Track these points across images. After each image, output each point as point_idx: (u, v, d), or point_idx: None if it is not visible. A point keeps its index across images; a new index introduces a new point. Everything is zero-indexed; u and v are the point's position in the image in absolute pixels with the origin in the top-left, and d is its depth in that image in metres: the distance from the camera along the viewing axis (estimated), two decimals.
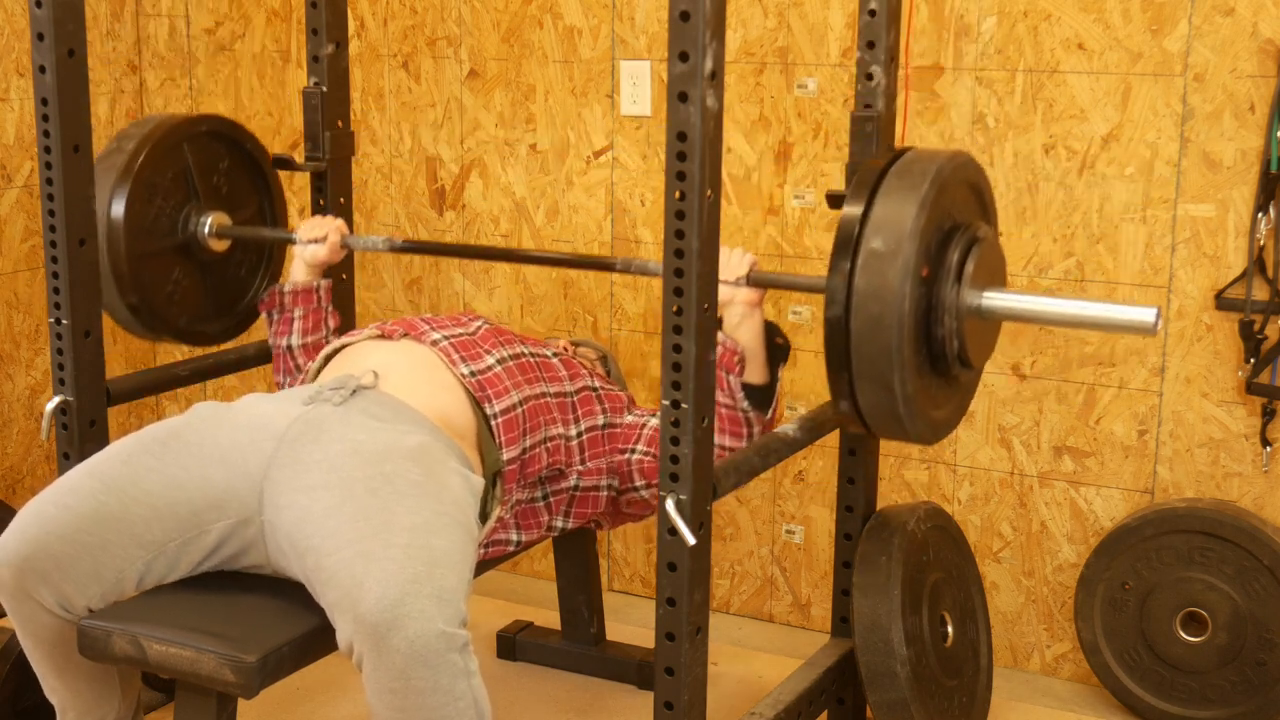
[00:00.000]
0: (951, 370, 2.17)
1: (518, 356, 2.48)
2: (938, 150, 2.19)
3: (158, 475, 2.15)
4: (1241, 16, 2.72)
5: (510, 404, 2.38)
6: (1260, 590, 2.73)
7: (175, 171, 2.77)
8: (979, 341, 2.21)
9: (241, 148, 2.90)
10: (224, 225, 2.83)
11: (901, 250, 2.03)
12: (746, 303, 2.39)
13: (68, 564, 2.08)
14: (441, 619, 1.91)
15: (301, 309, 2.76)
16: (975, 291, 2.14)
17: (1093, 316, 2.15)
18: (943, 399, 2.22)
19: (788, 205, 3.16)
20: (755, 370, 2.41)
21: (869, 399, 2.11)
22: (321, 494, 2.08)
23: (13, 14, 3.55)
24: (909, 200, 2.06)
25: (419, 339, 2.44)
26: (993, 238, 2.21)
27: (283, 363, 2.78)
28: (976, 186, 2.26)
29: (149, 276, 2.72)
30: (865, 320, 2.05)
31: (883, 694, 2.45)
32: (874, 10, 2.44)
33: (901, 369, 2.05)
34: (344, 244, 2.80)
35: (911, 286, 2.03)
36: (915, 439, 2.20)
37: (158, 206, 2.73)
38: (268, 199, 2.97)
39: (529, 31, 3.37)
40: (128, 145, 2.69)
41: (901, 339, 2.03)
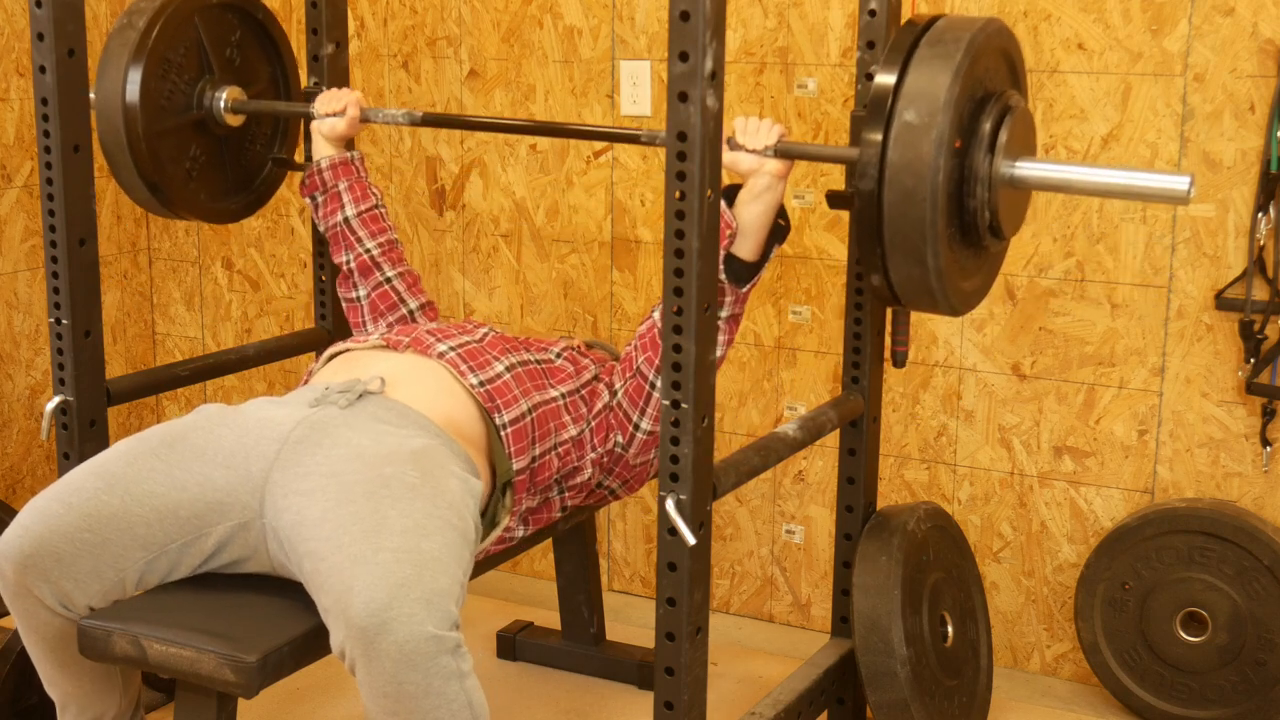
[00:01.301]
0: (983, 241, 2.14)
1: (525, 363, 2.48)
2: (971, 17, 2.14)
3: (161, 476, 2.15)
4: (1241, 16, 2.72)
5: (519, 413, 2.38)
6: (1260, 590, 2.74)
7: (188, 45, 2.72)
8: (1011, 211, 2.17)
9: (253, 18, 2.85)
10: (239, 100, 2.78)
11: (935, 122, 1.99)
12: (773, 174, 2.32)
13: (69, 562, 2.08)
14: (431, 622, 1.90)
15: (345, 181, 2.73)
16: (1008, 161, 2.11)
17: (1124, 184, 2.10)
18: (972, 269, 2.19)
19: (788, 205, 3.16)
20: (749, 245, 2.36)
21: (901, 273, 2.08)
22: (319, 497, 2.08)
23: (13, 14, 3.55)
24: (943, 70, 2.02)
25: (425, 352, 2.42)
26: (1024, 107, 2.17)
27: (343, 239, 2.74)
28: (1009, 54, 2.21)
29: (167, 154, 2.69)
30: (899, 193, 2.01)
31: (883, 694, 2.45)
32: (874, 10, 2.44)
33: (935, 242, 2.02)
34: (363, 117, 2.76)
35: (945, 159, 2.00)
36: (946, 310, 2.17)
37: (172, 82, 2.69)
38: (280, 69, 2.91)
39: (529, 31, 3.37)
40: (139, 21, 2.63)
41: (935, 213, 2.00)
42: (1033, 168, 2.14)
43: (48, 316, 2.48)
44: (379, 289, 2.74)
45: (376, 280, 2.74)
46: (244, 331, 3.88)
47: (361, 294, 2.75)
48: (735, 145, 2.31)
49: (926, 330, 3.07)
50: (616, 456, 2.52)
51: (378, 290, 2.74)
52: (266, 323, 3.84)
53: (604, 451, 2.51)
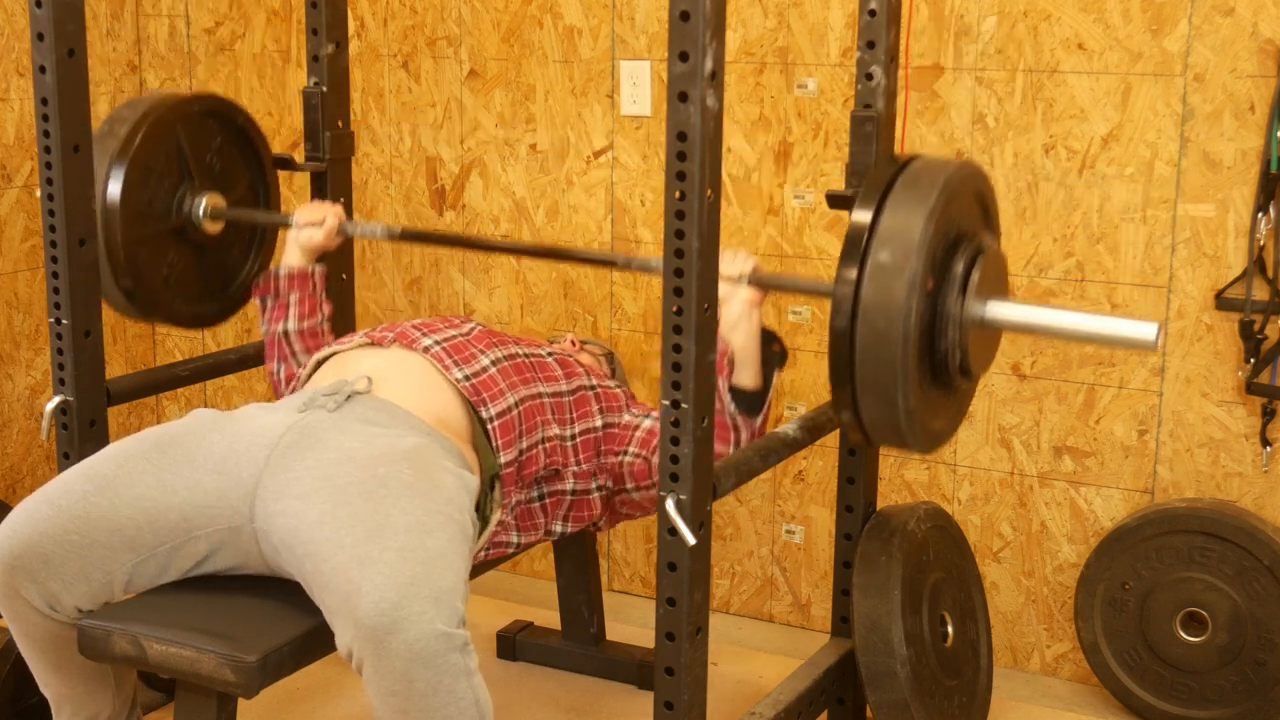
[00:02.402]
0: (953, 381, 2.17)
1: (512, 357, 2.47)
2: (945, 159, 2.18)
3: (151, 479, 2.15)
4: (1241, 16, 2.72)
5: (506, 406, 2.37)
6: (1260, 590, 2.74)
7: (169, 153, 2.73)
8: (981, 352, 2.20)
9: (233, 124, 2.86)
10: (218, 207, 2.80)
11: (909, 264, 2.02)
12: (746, 301, 2.36)
13: (55, 563, 2.08)
14: (440, 620, 1.91)
15: (297, 293, 2.71)
16: (979, 302, 2.13)
17: (1093, 330, 2.14)
18: (941, 408, 2.22)
19: (788, 205, 3.16)
20: (748, 374, 2.38)
21: (871, 411, 2.10)
22: (314, 500, 2.08)
23: (13, 14, 3.55)
24: (917, 211, 2.05)
25: (410, 347, 2.42)
26: (996, 248, 2.20)
27: (277, 349, 2.72)
28: (982, 196, 2.25)
29: (145, 260, 2.70)
30: (870, 333, 2.04)
31: (883, 694, 2.45)
32: (874, 10, 2.44)
33: (905, 382, 2.04)
34: (341, 230, 2.75)
35: (918, 301, 2.02)
36: (915, 449, 2.19)
37: (152, 189, 2.70)
38: (260, 175, 2.93)
39: (529, 31, 3.37)
40: (121, 129, 2.64)
41: (906, 353, 2.02)
42: (1004, 309, 2.16)
43: (48, 316, 2.48)
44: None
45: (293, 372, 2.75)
46: (244, 331, 3.87)
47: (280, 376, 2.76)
48: None
49: None
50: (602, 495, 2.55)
51: None
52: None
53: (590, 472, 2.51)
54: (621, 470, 2.51)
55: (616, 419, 2.55)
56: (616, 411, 2.55)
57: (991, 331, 2.22)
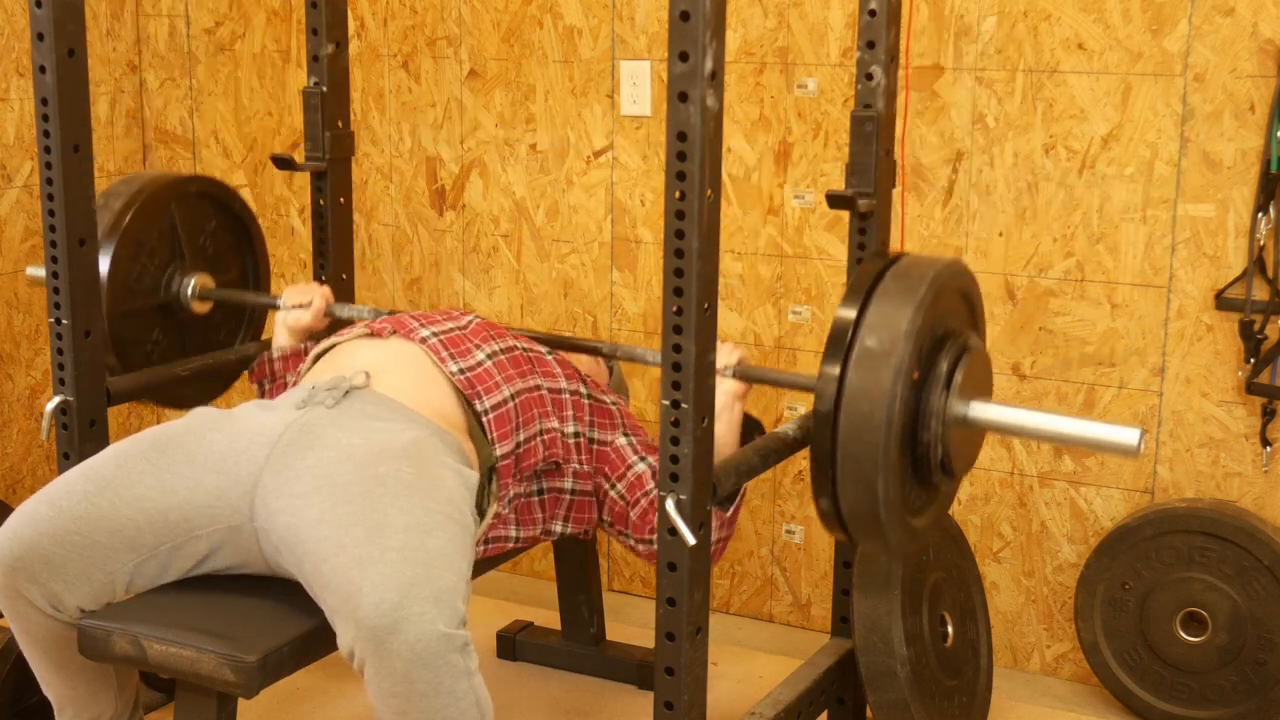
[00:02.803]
0: (933, 478, 2.15)
1: (510, 350, 2.47)
2: (934, 257, 2.18)
3: (151, 479, 2.15)
4: (1241, 16, 2.72)
5: (501, 399, 2.37)
6: (1260, 590, 2.74)
7: (162, 230, 2.77)
8: (963, 450, 2.19)
9: (229, 209, 2.90)
10: (207, 288, 2.83)
11: (896, 350, 2.02)
12: (730, 393, 2.37)
13: (57, 564, 2.08)
14: (441, 620, 1.91)
15: (293, 375, 2.70)
16: (962, 401, 2.13)
17: (1076, 434, 2.14)
18: (920, 507, 2.20)
19: (788, 205, 3.16)
20: None
21: (850, 498, 2.08)
22: (314, 499, 2.08)
23: (13, 14, 3.55)
24: (905, 303, 2.05)
25: (408, 336, 2.43)
26: (981, 348, 2.20)
27: None
28: (968, 295, 2.25)
29: (128, 335, 2.74)
30: (854, 417, 2.03)
31: (883, 694, 2.45)
32: (874, 10, 2.44)
33: (886, 470, 2.03)
34: (329, 312, 2.76)
35: (903, 387, 2.02)
36: (890, 549, 2.18)
37: (142, 265, 2.73)
38: (252, 261, 2.98)
39: (529, 31, 3.37)
40: (115, 203, 2.68)
41: (889, 439, 2.02)
42: (986, 410, 2.16)
43: (48, 316, 2.48)
44: None
45: None
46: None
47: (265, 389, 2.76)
48: None
49: None
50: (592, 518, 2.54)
51: None
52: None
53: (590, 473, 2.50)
54: (605, 499, 2.51)
55: (608, 437, 2.52)
56: (609, 429, 2.52)
57: (974, 431, 2.21)
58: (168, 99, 3.87)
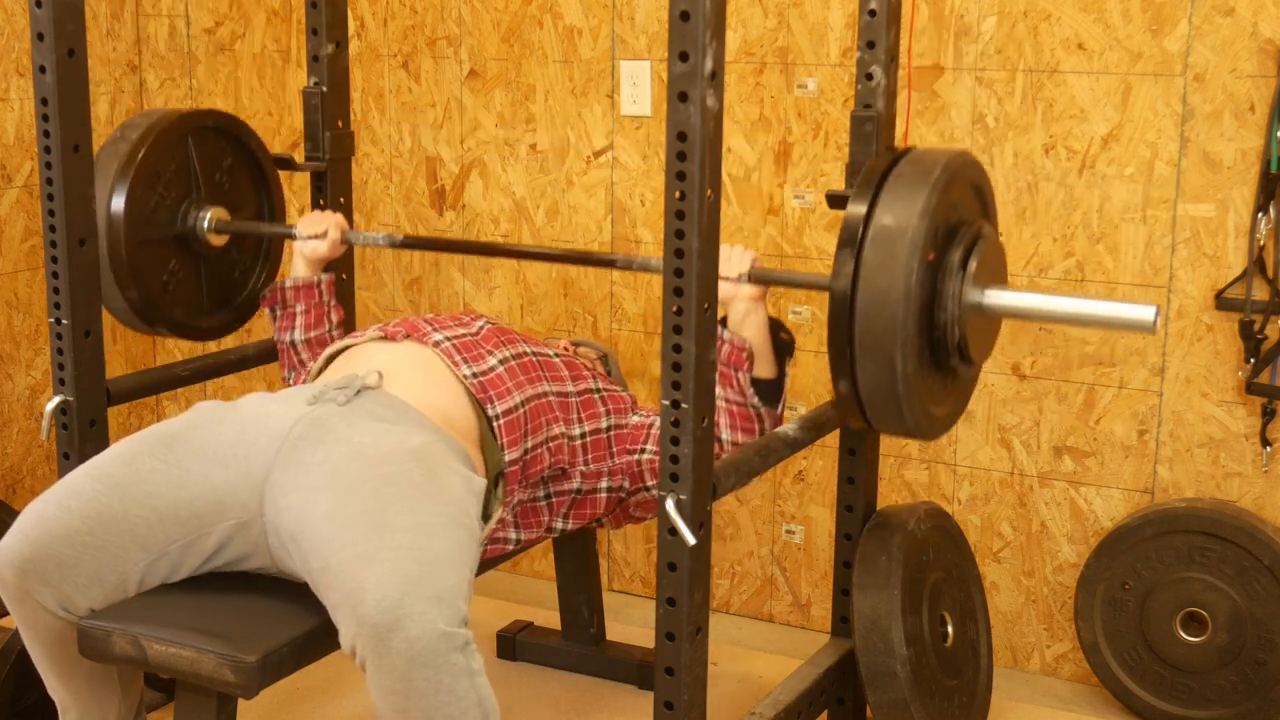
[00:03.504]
0: (951, 362, 2.17)
1: (520, 356, 2.48)
2: (943, 148, 2.21)
3: (160, 477, 2.14)
4: (1241, 16, 2.72)
5: (512, 405, 2.38)
6: (1260, 590, 2.74)
7: (178, 164, 2.76)
8: (980, 338, 2.21)
9: (245, 147, 2.89)
10: (223, 220, 2.82)
11: (910, 227, 2.04)
12: (749, 298, 2.39)
13: (69, 565, 2.08)
14: (442, 619, 1.91)
15: (303, 304, 2.76)
16: (977, 289, 2.15)
17: (1091, 314, 2.16)
18: (941, 395, 2.23)
19: (788, 205, 3.16)
20: (764, 366, 2.42)
21: (869, 377, 2.11)
22: (323, 496, 2.08)
23: (13, 14, 3.55)
24: (919, 185, 2.08)
25: (421, 340, 2.44)
26: (994, 236, 2.22)
27: (287, 358, 2.79)
28: (979, 186, 2.27)
29: (145, 265, 2.71)
30: (871, 294, 2.05)
31: (883, 694, 2.45)
32: (874, 10, 2.44)
33: (904, 345, 2.05)
34: (344, 239, 2.79)
35: (919, 264, 2.04)
36: (913, 430, 2.19)
37: (158, 195, 2.72)
38: (268, 200, 2.96)
39: (529, 31, 3.37)
40: (132, 135, 2.67)
41: (906, 314, 2.04)
42: (1000, 296, 2.18)
43: (48, 316, 2.48)
44: None
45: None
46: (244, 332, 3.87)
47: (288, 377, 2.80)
48: None
49: None
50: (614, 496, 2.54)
51: None
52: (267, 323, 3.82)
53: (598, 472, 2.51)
54: (641, 468, 2.52)
55: (624, 420, 2.56)
56: (623, 414, 2.56)
57: (990, 319, 2.22)
58: (168, 99, 3.87)
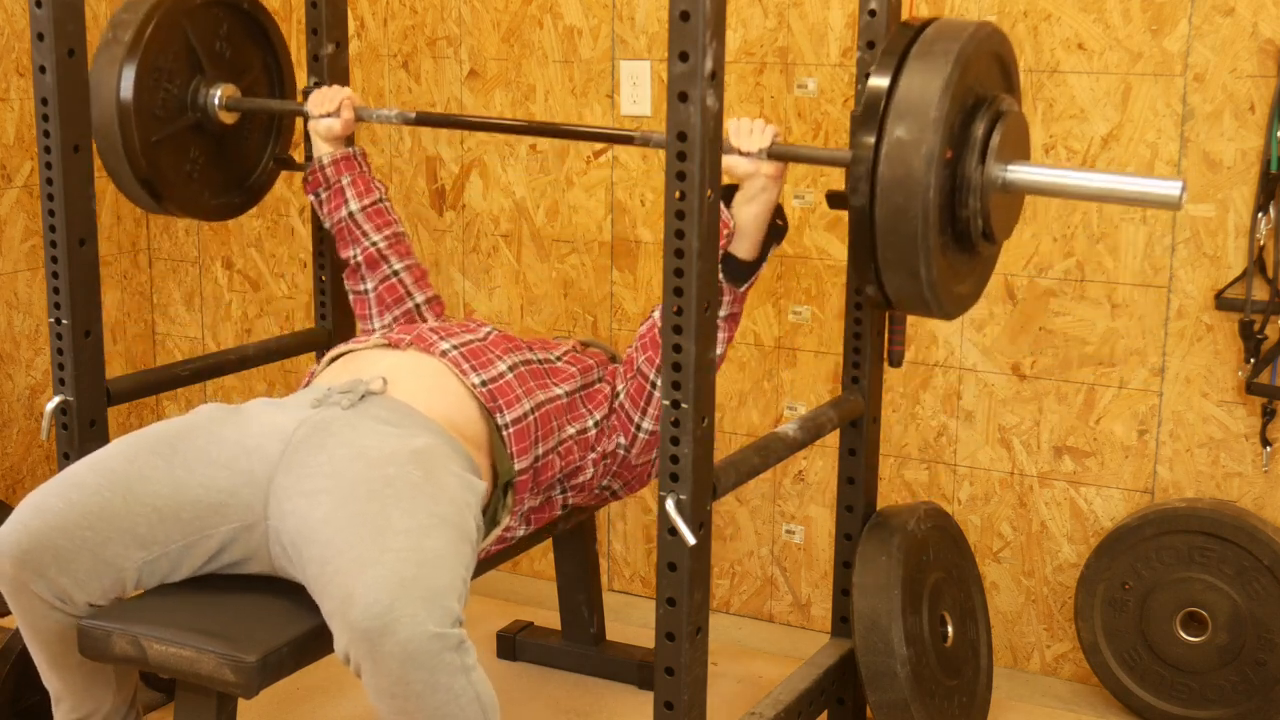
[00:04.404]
0: (975, 245, 2.16)
1: (528, 363, 2.48)
2: (963, 22, 2.14)
3: (163, 475, 2.14)
4: (1241, 16, 2.72)
5: (522, 413, 2.37)
6: (1260, 590, 2.74)
7: (177, 49, 2.70)
8: (1003, 215, 2.18)
9: (238, 8, 2.82)
10: (233, 97, 2.77)
11: (925, 139, 2.01)
12: (769, 175, 2.32)
13: (67, 559, 2.07)
14: (432, 620, 1.90)
15: (349, 176, 2.72)
16: (1000, 165, 2.12)
17: (1116, 189, 2.12)
18: (965, 273, 2.21)
19: (788, 205, 3.16)
20: (746, 245, 2.36)
21: (895, 283, 2.10)
22: (323, 499, 2.08)
23: (13, 14, 3.55)
24: (934, 81, 2.03)
25: (427, 350, 2.42)
26: (1017, 111, 2.18)
27: (349, 234, 2.73)
28: (1001, 58, 2.22)
29: (166, 161, 2.69)
30: (890, 209, 2.03)
31: (883, 694, 2.45)
32: (874, 10, 2.44)
33: (927, 255, 2.04)
34: (357, 115, 2.74)
35: (936, 174, 2.01)
36: (939, 315, 2.20)
37: (164, 90, 2.68)
38: (271, 53, 2.88)
39: (529, 31, 3.37)
40: (125, 35, 2.61)
41: (927, 227, 2.02)
42: (1025, 172, 2.15)
43: (48, 316, 2.48)
44: (386, 282, 2.73)
45: (384, 273, 2.73)
46: (244, 331, 3.87)
47: (369, 287, 2.74)
48: (729, 148, 2.31)
49: (926, 330, 3.07)
50: (619, 458, 2.53)
51: (385, 283, 2.73)
52: (266, 323, 3.84)
53: (605, 452, 2.51)
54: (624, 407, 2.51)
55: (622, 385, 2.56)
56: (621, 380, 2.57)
57: (1014, 195, 2.20)
58: None
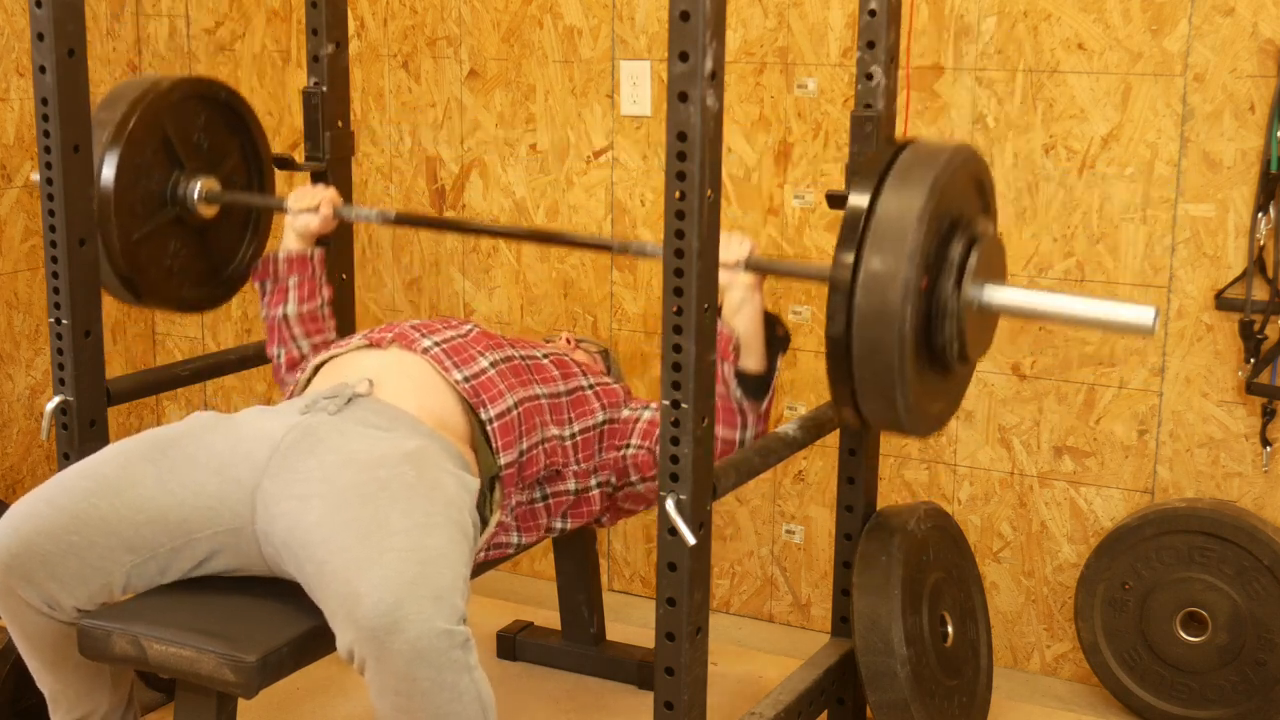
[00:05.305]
0: (950, 367, 2.17)
1: (509, 359, 2.47)
2: (940, 145, 2.17)
3: (151, 480, 2.14)
4: (1241, 16, 2.72)
5: (505, 407, 2.37)
6: (1260, 590, 2.73)
7: (156, 145, 2.71)
8: (978, 337, 2.20)
9: (215, 100, 2.83)
10: (213, 190, 2.77)
11: (901, 271, 2.02)
12: (746, 286, 2.36)
13: (54, 563, 2.08)
14: (440, 618, 1.91)
15: (296, 277, 2.69)
16: (976, 288, 2.14)
17: (1090, 315, 2.14)
18: (940, 393, 2.23)
19: (788, 205, 3.16)
20: (752, 358, 2.39)
21: (870, 408, 2.13)
22: (315, 503, 2.08)
23: (13, 14, 3.55)
24: (909, 209, 2.05)
25: (409, 347, 2.42)
26: (993, 232, 2.20)
27: (277, 334, 2.70)
28: (979, 180, 2.24)
29: (146, 258, 2.69)
30: (866, 341, 2.05)
31: (883, 694, 2.45)
32: (874, 10, 2.44)
33: (903, 383, 2.06)
34: (337, 215, 2.73)
35: (912, 305, 2.03)
36: (913, 435, 2.22)
37: (143, 186, 2.68)
38: (248, 140, 2.89)
39: (529, 31, 3.37)
40: (103, 134, 2.62)
41: (903, 358, 2.04)
42: (1001, 294, 2.16)
43: (48, 316, 2.48)
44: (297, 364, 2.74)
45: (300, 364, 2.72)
46: (244, 331, 3.87)
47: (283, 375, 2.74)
48: None
49: None
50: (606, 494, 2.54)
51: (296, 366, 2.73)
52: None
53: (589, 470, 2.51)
54: (625, 464, 2.51)
55: (616, 414, 2.55)
56: (616, 407, 2.56)
57: (989, 316, 2.21)
58: None
